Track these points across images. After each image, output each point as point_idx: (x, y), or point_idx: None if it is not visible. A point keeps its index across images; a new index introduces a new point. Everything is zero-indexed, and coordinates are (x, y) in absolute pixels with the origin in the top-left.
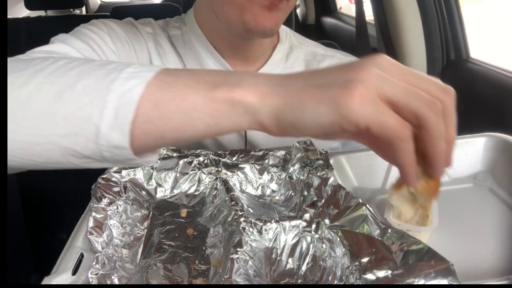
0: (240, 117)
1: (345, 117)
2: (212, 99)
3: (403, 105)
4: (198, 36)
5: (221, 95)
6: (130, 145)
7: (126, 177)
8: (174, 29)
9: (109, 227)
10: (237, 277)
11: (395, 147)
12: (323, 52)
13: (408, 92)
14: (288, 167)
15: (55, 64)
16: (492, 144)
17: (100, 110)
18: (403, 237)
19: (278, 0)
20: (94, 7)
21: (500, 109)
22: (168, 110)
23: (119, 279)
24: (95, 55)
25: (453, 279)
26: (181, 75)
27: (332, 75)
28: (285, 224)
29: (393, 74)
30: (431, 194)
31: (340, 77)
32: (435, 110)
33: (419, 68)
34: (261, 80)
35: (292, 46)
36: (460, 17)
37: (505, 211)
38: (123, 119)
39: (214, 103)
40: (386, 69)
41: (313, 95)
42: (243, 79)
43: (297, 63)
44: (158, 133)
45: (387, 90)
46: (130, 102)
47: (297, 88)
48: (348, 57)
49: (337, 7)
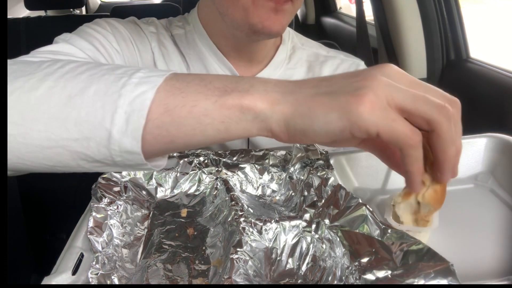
0: (250, 124)
1: (355, 123)
2: (223, 106)
3: (414, 111)
4: (201, 36)
5: (231, 102)
6: (142, 150)
7: (127, 177)
8: (177, 29)
9: (109, 227)
10: (237, 277)
11: (405, 153)
12: (325, 53)
13: (418, 98)
14: (288, 167)
15: (65, 68)
16: (493, 144)
17: (111, 115)
18: (403, 237)
19: (284, 2)
20: (94, 7)
21: (501, 109)
22: (179, 116)
23: (119, 279)
24: (100, 55)
25: (453, 279)
26: (191, 81)
27: (341, 83)
28: (285, 224)
29: (401, 83)
30: (438, 203)
31: (350, 85)
32: (446, 114)
33: (419, 68)
34: (271, 87)
35: (294, 47)
36: (460, 17)
37: (506, 211)
38: (135, 124)
39: (224, 109)
40: (394, 78)
41: (323, 102)
42: (253, 86)
43: (300, 64)
44: (169, 138)
45: (397, 97)
46: (142, 108)
47: (306, 95)
48: (349, 57)
49: (337, 7)
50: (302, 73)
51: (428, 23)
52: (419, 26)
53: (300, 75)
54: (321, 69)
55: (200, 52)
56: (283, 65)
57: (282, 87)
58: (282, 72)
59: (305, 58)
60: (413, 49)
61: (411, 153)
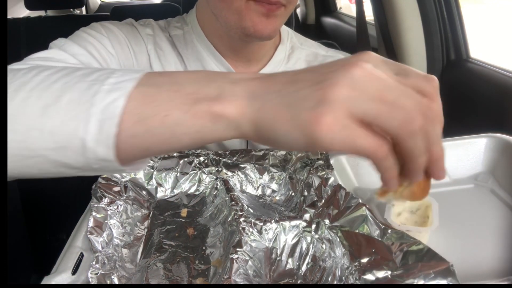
0: (224, 132)
1: (316, 144)
2: (195, 115)
3: (375, 126)
4: (199, 37)
5: (202, 111)
6: (116, 158)
7: (127, 176)
8: (175, 30)
9: (109, 227)
10: (237, 277)
11: (375, 164)
12: (324, 53)
13: (381, 112)
14: (288, 167)
15: (39, 77)
16: (493, 144)
17: (85, 125)
18: (403, 238)
19: (276, 7)
20: (94, 7)
21: (501, 109)
22: (152, 126)
23: (119, 279)
24: (93, 60)
25: (452, 279)
26: (163, 85)
27: (305, 89)
28: (285, 224)
29: (375, 81)
30: (418, 198)
31: (313, 93)
32: (411, 129)
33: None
34: (240, 90)
35: (293, 46)
36: (460, 17)
37: (506, 212)
38: (107, 133)
39: (197, 119)
40: (376, 65)
41: (285, 118)
42: (222, 90)
43: (298, 63)
44: (145, 147)
45: (358, 111)
46: (113, 116)
47: (271, 103)
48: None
49: (337, 7)
50: None
51: (428, 23)
52: (419, 26)
53: None
54: None
55: (198, 52)
56: (282, 65)
57: (251, 89)
58: (280, 71)
59: (303, 57)
60: (413, 49)
61: (381, 164)
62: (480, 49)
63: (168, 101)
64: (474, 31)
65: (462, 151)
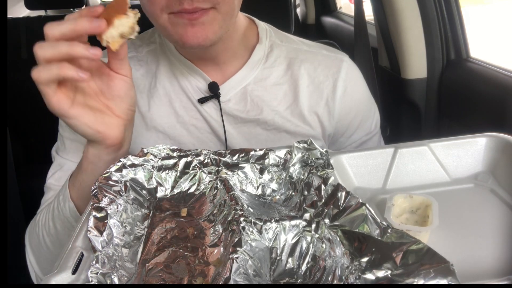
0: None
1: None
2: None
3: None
4: (170, 49)
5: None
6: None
7: (127, 176)
8: (150, 45)
9: (109, 226)
10: (237, 276)
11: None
12: (307, 48)
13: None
14: (288, 166)
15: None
16: (493, 144)
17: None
18: (403, 237)
19: (199, 15)
20: None
21: (501, 109)
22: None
23: (119, 279)
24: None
25: (452, 279)
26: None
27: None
28: (285, 223)
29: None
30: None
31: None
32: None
33: (419, 68)
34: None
35: (272, 45)
36: (460, 17)
37: (506, 211)
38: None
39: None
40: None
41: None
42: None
43: (278, 61)
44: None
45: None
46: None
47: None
48: (333, 53)
49: (337, 7)
50: (280, 71)
51: (428, 22)
52: (419, 25)
53: (278, 74)
54: (300, 68)
55: (171, 63)
56: (259, 65)
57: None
58: (258, 72)
59: (284, 54)
60: (413, 48)
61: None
62: (480, 49)
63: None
64: (474, 31)
65: (462, 151)
